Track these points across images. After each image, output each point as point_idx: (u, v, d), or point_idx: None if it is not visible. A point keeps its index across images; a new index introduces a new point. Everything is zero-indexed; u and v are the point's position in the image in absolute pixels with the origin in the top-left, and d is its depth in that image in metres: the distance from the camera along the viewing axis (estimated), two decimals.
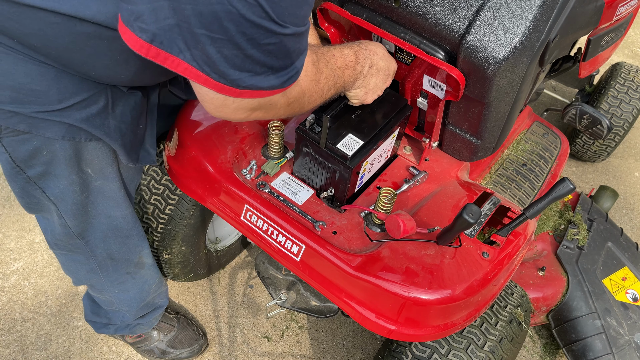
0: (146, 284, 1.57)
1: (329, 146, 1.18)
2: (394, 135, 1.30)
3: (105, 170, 1.21)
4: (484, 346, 1.29)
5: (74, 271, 1.49)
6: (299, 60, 0.87)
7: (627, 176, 2.71)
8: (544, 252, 1.84)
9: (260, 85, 0.84)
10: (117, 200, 1.30)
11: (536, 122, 1.90)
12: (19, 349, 1.83)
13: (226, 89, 0.82)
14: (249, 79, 0.82)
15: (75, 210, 1.24)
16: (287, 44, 0.81)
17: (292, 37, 0.80)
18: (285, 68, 0.85)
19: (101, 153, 1.17)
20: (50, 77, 0.97)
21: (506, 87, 1.14)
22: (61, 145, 1.08)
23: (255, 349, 1.88)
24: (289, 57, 0.84)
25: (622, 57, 3.45)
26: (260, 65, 0.81)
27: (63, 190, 1.18)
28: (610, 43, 1.77)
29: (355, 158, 1.17)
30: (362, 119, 1.22)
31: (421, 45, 1.15)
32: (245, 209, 1.27)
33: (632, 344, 1.66)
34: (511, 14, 1.04)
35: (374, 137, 1.21)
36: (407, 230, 1.12)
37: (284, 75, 0.85)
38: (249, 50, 0.78)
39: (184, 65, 0.80)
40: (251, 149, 1.36)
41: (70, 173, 1.15)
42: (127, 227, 1.38)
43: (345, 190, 1.23)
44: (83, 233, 1.31)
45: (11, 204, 2.24)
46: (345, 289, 1.18)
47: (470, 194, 1.32)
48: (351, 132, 1.19)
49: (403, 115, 1.27)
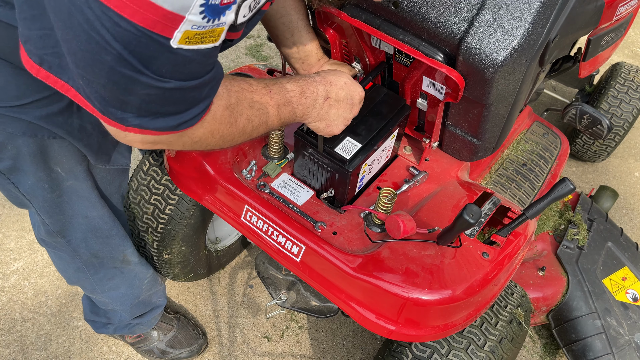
0: (136, 278, 1.57)
1: (327, 150, 1.18)
2: (393, 136, 1.30)
3: (76, 169, 1.21)
4: (484, 346, 1.29)
5: (63, 270, 1.51)
6: (196, 108, 0.83)
7: (627, 176, 2.71)
8: (544, 252, 1.84)
9: (148, 127, 0.80)
10: (92, 201, 1.30)
11: (536, 122, 1.90)
12: (19, 349, 1.83)
13: (112, 122, 0.79)
14: (133, 119, 0.78)
15: (49, 208, 1.24)
16: (173, 95, 0.78)
17: (177, 90, 0.77)
18: (176, 114, 0.81)
19: (69, 152, 1.16)
20: (8, 73, 0.96)
21: (505, 88, 1.14)
22: (24, 141, 1.08)
23: (255, 349, 1.88)
24: (178, 105, 0.81)
25: (622, 57, 3.45)
26: (144, 109, 0.78)
27: (33, 186, 1.18)
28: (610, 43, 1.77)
29: (353, 161, 1.17)
30: (359, 121, 1.22)
31: (420, 47, 1.15)
32: (246, 210, 1.27)
33: (632, 344, 1.66)
34: (510, 15, 1.04)
35: (372, 139, 1.21)
36: (407, 230, 1.12)
37: (175, 120, 0.81)
38: (127, 97, 0.75)
39: (73, 92, 0.79)
40: (251, 150, 1.36)
41: (36, 170, 1.15)
42: (106, 228, 1.38)
43: (345, 192, 1.23)
44: (63, 232, 1.32)
45: (11, 204, 2.24)
46: (346, 289, 1.18)
47: (470, 194, 1.32)
48: (349, 135, 1.19)
49: (401, 115, 1.27)
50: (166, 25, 0.68)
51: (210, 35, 0.74)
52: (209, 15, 0.71)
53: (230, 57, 3.18)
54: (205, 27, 0.72)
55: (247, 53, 3.24)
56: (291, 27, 1.25)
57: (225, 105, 0.91)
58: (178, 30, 0.69)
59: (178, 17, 0.68)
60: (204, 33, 0.73)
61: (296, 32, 1.26)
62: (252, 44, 3.31)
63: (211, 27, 0.73)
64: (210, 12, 0.71)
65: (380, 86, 1.32)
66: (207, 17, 0.71)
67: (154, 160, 1.59)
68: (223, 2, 0.72)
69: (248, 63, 2.22)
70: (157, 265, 1.74)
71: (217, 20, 0.73)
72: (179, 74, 0.75)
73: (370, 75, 1.29)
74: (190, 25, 0.70)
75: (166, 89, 0.75)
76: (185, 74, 0.76)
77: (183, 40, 0.71)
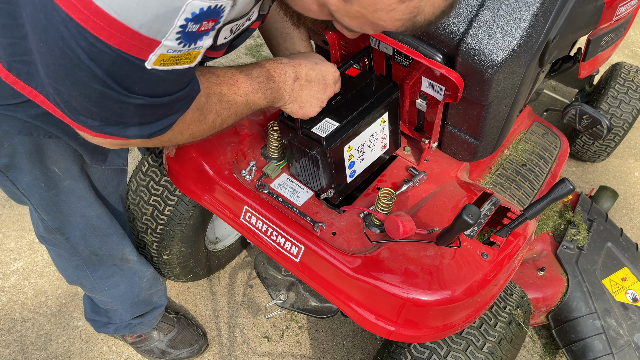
0: (135, 276, 1.57)
1: (304, 131, 1.17)
2: (383, 121, 1.27)
3: (72, 169, 1.22)
4: (483, 347, 1.29)
5: (63, 268, 1.51)
6: (168, 119, 0.84)
7: (627, 176, 2.71)
8: (543, 252, 1.84)
9: (118, 135, 0.81)
10: (89, 200, 1.30)
11: (536, 122, 1.89)
12: (19, 349, 1.83)
13: (82, 129, 0.79)
14: (103, 127, 0.79)
15: (46, 205, 1.24)
16: (144, 109, 0.78)
17: (149, 106, 0.77)
18: (146, 124, 0.81)
19: (65, 151, 1.17)
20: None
21: (505, 89, 1.14)
22: (20, 139, 1.09)
23: (255, 349, 1.88)
24: (148, 118, 0.81)
25: (622, 57, 3.45)
26: (114, 120, 0.78)
27: (29, 184, 1.19)
28: (610, 43, 1.77)
29: (331, 139, 1.15)
30: (341, 104, 1.21)
31: (419, 48, 1.15)
32: (245, 210, 1.27)
33: (631, 345, 1.66)
34: (509, 16, 1.04)
35: (352, 119, 1.19)
36: (406, 231, 1.12)
37: (145, 130, 0.82)
38: (97, 109, 0.75)
39: (41, 98, 0.79)
40: (250, 150, 1.36)
41: (32, 168, 1.15)
42: (104, 227, 1.39)
43: (332, 176, 1.21)
44: (62, 229, 1.32)
45: (11, 204, 2.25)
46: (345, 290, 1.18)
47: (469, 194, 1.32)
48: (328, 117, 1.18)
49: (387, 97, 1.24)
50: (142, 48, 0.69)
51: (185, 57, 0.75)
52: (185, 41, 0.72)
53: (230, 57, 3.18)
54: (180, 51, 0.73)
55: (247, 53, 3.24)
56: (284, 34, 1.25)
57: (196, 107, 0.91)
58: (153, 53, 0.70)
59: (154, 42, 0.68)
60: (179, 56, 0.74)
61: (289, 38, 1.25)
62: (252, 44, 3.31)
63: (187, 51, 0.74)
64: (187, 38, 0.71)
65: (367, 72, 1.30)
66: (183, 43, 0.72)
67: (153, 161, 1.59)
68: (200, 29, 0.72)
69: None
70: (156, 265, 1.75)
71: (194, 45, 0.74)
72: (151, 91, 0.76)
73: (352, 60, 1.24)
74: (166, 49, 0.70)
75: (138, 104, 0.76)
76: (157, 92, 0.77)
77: (158, 62, 0.72)
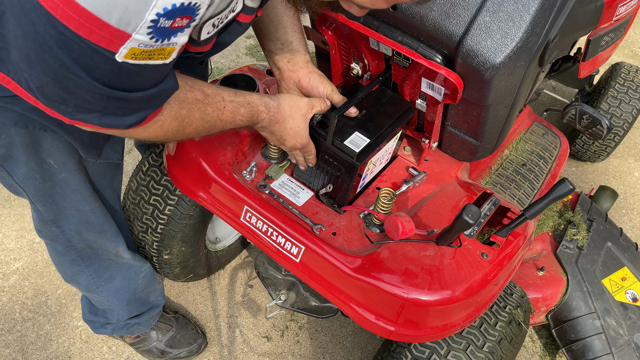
0: (131, 270, 1.58)
1: (336, 143, 1.18)
2: (396, 138, 1.30)
3: (68, 162, 1.22)
4: (483, 347, 1.29)
5: (59, 263, 1.51)
6: (142, 113, 0.83)
7: (627, 176, 2.71)
8: (543, 252, 1.84)
9: (92, 122, 0.80)
10: (84, 194, 1.31)
11: (536, 122, 1.90)
12: (19, 349, 1.83)
13: (57, 114, 0.79)
14: (77, 114, 0.78)
15: (41, 197, 1.25)
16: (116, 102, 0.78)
17: (120, 99, 0.77)
18: (120, 115, 0.81)
19: (61, 145, 1.17)
20: None
21: (504, 89, 1.14)
22: (16, 131, 1.09)
23: (255, 349, 1.88)
24: (122, 110, 0.80)
25: (622, 57, 3.45)
26: (86, 108, 0.78)
27: (25, 175, 1.19)
28: (610, 43, 1.78)
29: (362, 155, 1.17)
30: (367, 118, 1.23)
31: (419, 49, 1.15)
32: (245, 210, 1.27)
33: (631, 344, 1.66)
34: (508, 17, 1.04)
35: (379, 136, 1.21)
36: (405, 232, 1.12)
37: (117, 121, 0.82)
38: (69, 95, 0.75)
39: (14, 85, 0.79)
40: (251, 150, 1.36)
41: (28, 160, 1.16)
42: (98, 223, 1.39)
43: (349, 189, 1.23)
44: (57, 221, 1.33)
45: (11, 203, 2.25)
46: (345, 290, 1.18)
47: (469, 194, 1.32)
48: (357, 130, 1.19)
49: (406, 117, 1.28)
50: (112, 40, 0.68)
51: (159, 52, 0.74)
52: (158, 36, 0.71)
53: (230, 57, 3.18)
54: (153, 46, 0.72)
55: (247, 53, 3.24)
56: (276, 22, 1.20)
57: (175, 116, 0.92)
58: (124, 46, 0.69)
59: (125, 35, 0.68)
60: (152, 51, 0.73)
61: (280, 27, 1.20)
62: (252, 44, 3.31)
63: (160, 47, 0.73)
64: (159, 33, 0.70)
65: (385, 88, 1.32)
66: (155, 38, 0.71)
67: (154, 161, 1.59)
68: (174, 26, 0.71)
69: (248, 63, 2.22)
70: (156, 265, 1.75)
71: (167, 40, 0.73)
72: (122, 85, 0.75)
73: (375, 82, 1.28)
74: (137, 43, 0.70)
75: (109, 96, 0.76)
76: (129, 86, 0.76)
77: (129, 55, 0.71)
